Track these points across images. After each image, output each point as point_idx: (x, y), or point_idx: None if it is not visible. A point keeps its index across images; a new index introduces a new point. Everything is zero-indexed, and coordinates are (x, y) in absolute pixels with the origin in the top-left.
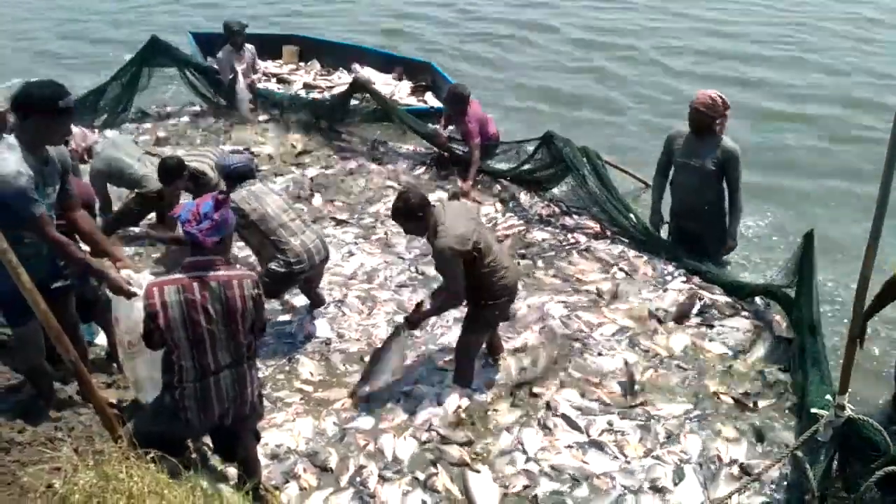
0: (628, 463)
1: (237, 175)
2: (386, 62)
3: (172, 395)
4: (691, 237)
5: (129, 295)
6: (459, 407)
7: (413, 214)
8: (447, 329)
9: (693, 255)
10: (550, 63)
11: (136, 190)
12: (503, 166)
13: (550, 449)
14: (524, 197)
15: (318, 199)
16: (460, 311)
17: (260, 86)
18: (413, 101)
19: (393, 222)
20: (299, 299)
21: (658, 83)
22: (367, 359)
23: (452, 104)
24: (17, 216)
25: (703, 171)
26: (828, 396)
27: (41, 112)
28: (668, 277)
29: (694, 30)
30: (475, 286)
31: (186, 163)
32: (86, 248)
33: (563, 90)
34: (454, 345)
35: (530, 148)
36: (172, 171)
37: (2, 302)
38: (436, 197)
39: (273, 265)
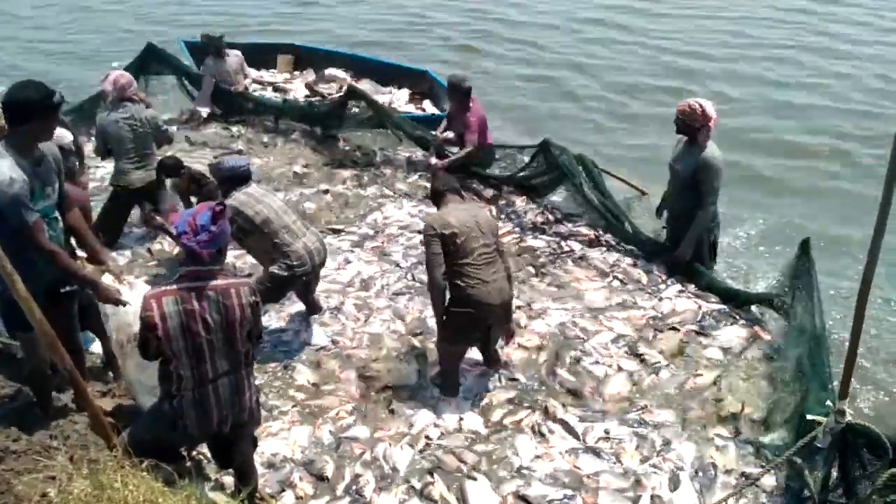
0: (624, 471)
1: (237, 178)
2: (381, 70)
3: (171, 403)
4: (676, 243)
5: (118, 304)
6: (460, 418)
7: (432, 195)
8: None
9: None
10: (545, 70)
11: (110, 184)
12: (497, 171)
13: (546, 456)
14: (519, 203)
15: (313, 208)
16: None
17: (256, 94)
18: (412, 109)
19: (390, 231)
20: (295, 307)
21: (657, 92)
22: (363, 366)
23: (452, 94)
24: (9, 223)
25: (680, 177)
26: (828, 402)
27: (43, 111)
28: (663, 286)
29: (699, 34)
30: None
31: (186, 164)
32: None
33: (560, 98)
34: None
35: (526, 158)
36: (170, 169)
37: (7, 307)
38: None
39: (274, 269)
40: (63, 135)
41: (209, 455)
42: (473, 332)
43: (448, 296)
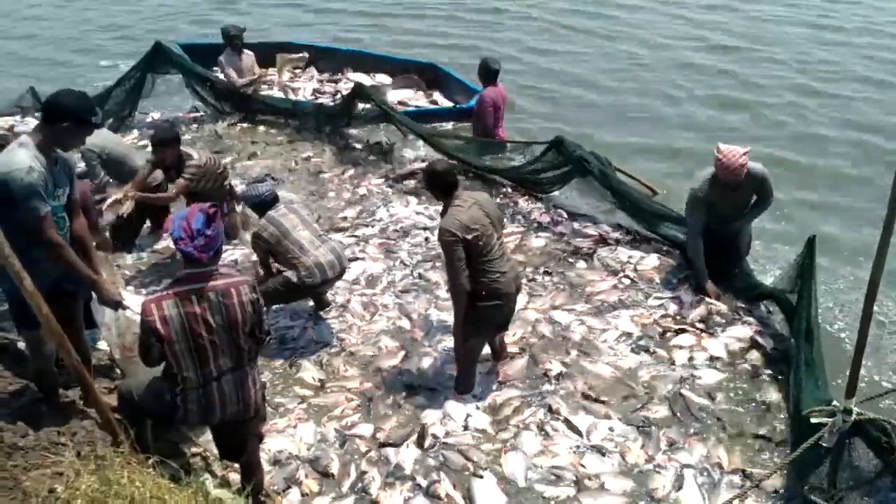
0: (628, 469)
1: (265, 203)
2: (386, 65)
3: (174, 401)
4: (725, 243)
5: (117, 306)
6: (467, 416)
7: (433, 183)
8: (450, 335)
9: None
10: (548, 67)
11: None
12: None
13: (550, 454)
14: (522, 203)
15: (321, 206)
16: None
17: (263, 93)
18: (423, 103)
19: (395, 228)
20: (301, 304)
21: (661, 90)
22: (368, 364)
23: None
24: (20, 212)
25: (745, 203)
26: (835, 402)
27: (75, 121)
28: (674, 283)
29: (700, 35)
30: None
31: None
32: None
33: (564, 94)
34: None
35: (520, 159)
36: (167, 139)
37: (13, 305)
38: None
39: (288, 274)
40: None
41: (215, 452)
42: (496, 323)
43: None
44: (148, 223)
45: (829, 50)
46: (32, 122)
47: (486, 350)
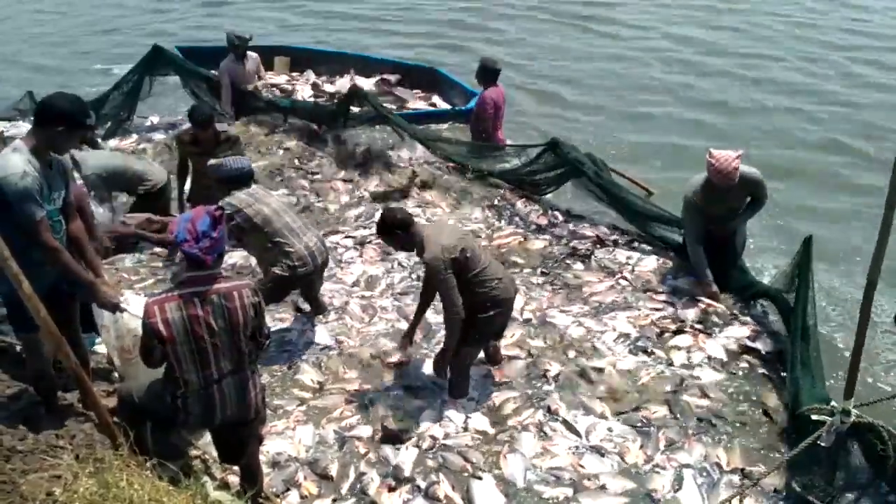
0: (628, 470)
1: (241, 179)
2: (384, 68)
3: (175, 403)
4: (721, 243)
5: (115, 309)
6: (466, 417)
7: (393, 230)
8: None
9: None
10: (544, 68)
11: (138, 190)
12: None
13: (549, 455)
14: (520, 205)
15: (318, 207)
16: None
17: (264, 94)
18: (422, 105)
19: None
20: (301, 306)
21: (660, 91)
22: (367, 366)
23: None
24: (16, 217)
25: (740, 204)
26: (834, 403)
27: (69, 124)
28: (671, 284)
29: (710, 29)
30: (464, 298)
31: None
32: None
33: (561, 96)
34: None
35: (517, 161)
36: (210, 117)
37: (11, 308)
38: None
39: (277, 269)
40: None
41: (214, 454)
42: (494, 331)
43: (472, 303)
44: None
45: (822, 53)
46: (24, 125)
47: (480, 354)
